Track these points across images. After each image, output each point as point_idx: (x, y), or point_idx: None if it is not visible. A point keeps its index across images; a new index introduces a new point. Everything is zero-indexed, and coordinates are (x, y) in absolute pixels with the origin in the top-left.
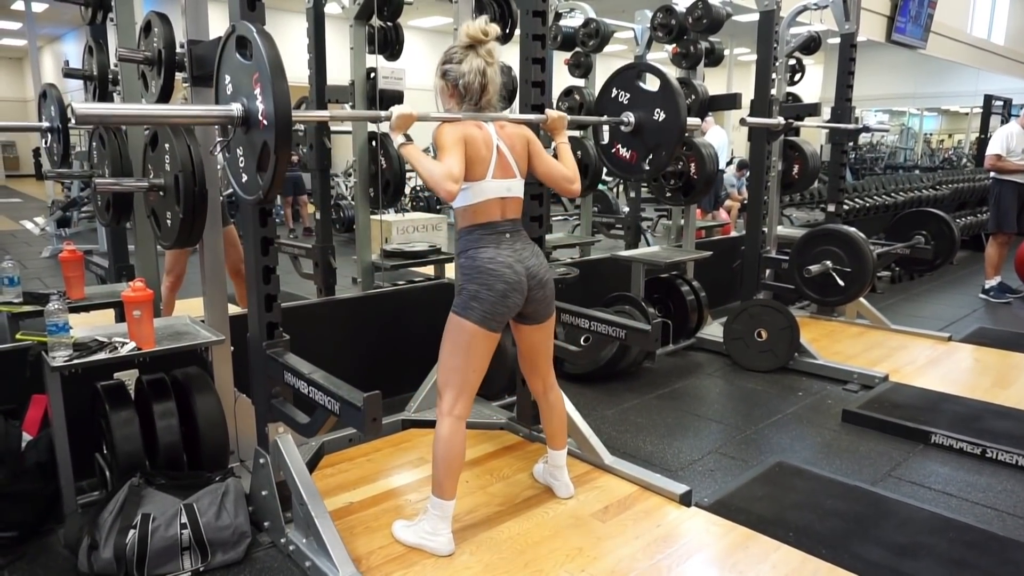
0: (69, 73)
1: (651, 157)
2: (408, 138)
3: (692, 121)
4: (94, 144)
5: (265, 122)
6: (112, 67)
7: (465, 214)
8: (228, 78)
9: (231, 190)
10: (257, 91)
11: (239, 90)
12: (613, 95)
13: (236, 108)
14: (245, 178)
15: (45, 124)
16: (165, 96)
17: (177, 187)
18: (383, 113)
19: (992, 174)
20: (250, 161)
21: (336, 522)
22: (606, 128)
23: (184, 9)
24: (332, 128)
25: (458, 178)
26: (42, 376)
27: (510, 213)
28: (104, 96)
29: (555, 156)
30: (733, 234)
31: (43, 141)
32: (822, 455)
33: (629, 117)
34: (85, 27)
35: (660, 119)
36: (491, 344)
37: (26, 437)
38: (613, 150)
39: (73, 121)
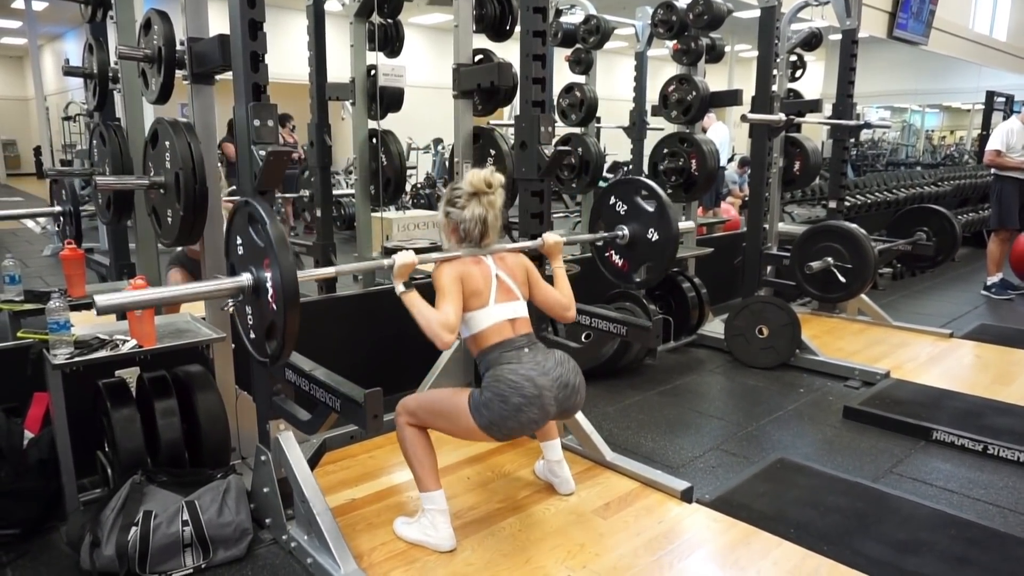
0: (69, 71)
1: (642, 272)
2: (408, 286)
3: (684, 226)
4: (95, 142)
5: (273, 304)
6: (112, 65)
7: (475, 342)
8: (240, 240)
9: (233, 187)
10: (266, 271)
11: (250, 259)
12: (611, 203)
13: (246, 279)
14: (254, 336)
15: (58, 208)
16: (165, 94)
17: (178, 185)
18: (386, 262)
19: (993, 170)
20: (259, 325)
21: (338, 519)
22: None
23: (184, 6)
24: (332, 124)
25: (453, 328)
26: (44, 374)
27: (521, 330)
28: (104, 94)
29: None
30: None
31: (56, 224)
32: (823, 451)
33: (624, 231)
34: (85, 25)
35: (653, 239)
36: (483, 440)
37: (28, 435)
38: (607, 254)
39: (97, 312)
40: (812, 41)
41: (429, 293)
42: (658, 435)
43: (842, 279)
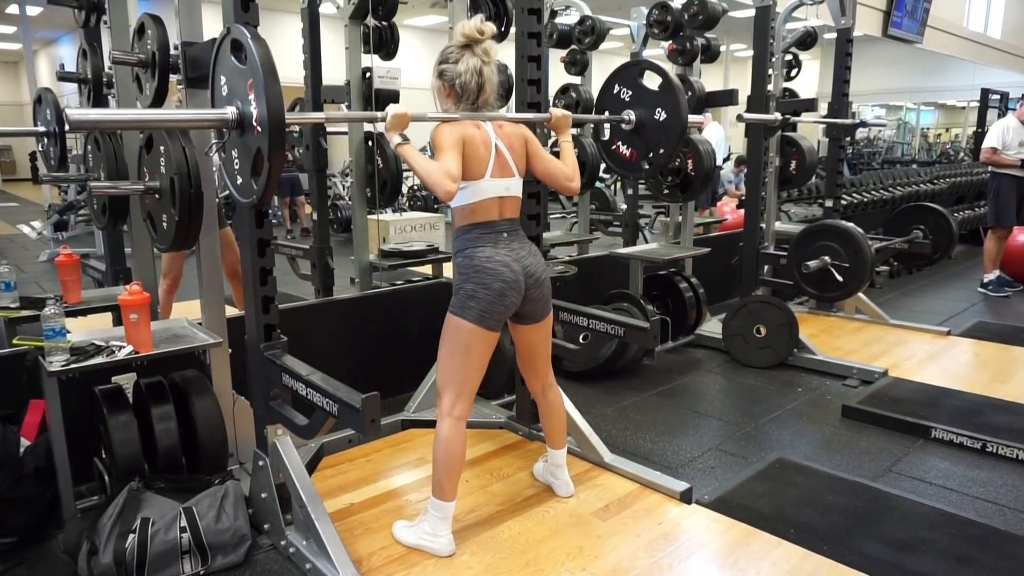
0: (64, 76)
1: (651, 156)
2: (404, 138)
3: (694, 118)
4: (89, 148)
5: (259, 127)
6: (107, 70)
7: (463, 213)
8: (223, 80)
9: (227, 191)
10: (251, 96)
11: (234, 93)
12: (615, 91)
13: (231, 112)
14: (240, 180)
15: (41, 128)
16: (160, 98)
17: (173, 189)
18: (379, 114)
19: (990, 168)
20: (245, 164)
21: (336, 523)
22: (607, 124)
23: (178, 11)
24: (328, 129)
25: (456, 177)
26: (40, 381)
27: (508, 212)
28: (99, 99)
29: (557, 154)
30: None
31: (39, 145)
32: (822, 451)
33: (630, 115)
34: (79, 30)
35: (661, 118)
36: (490, 343)
37: (24, 442)
38: (613, 147)
39: (68, 127)
40: (807, 40)
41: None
42: (656, 436)
43: (839, 278)
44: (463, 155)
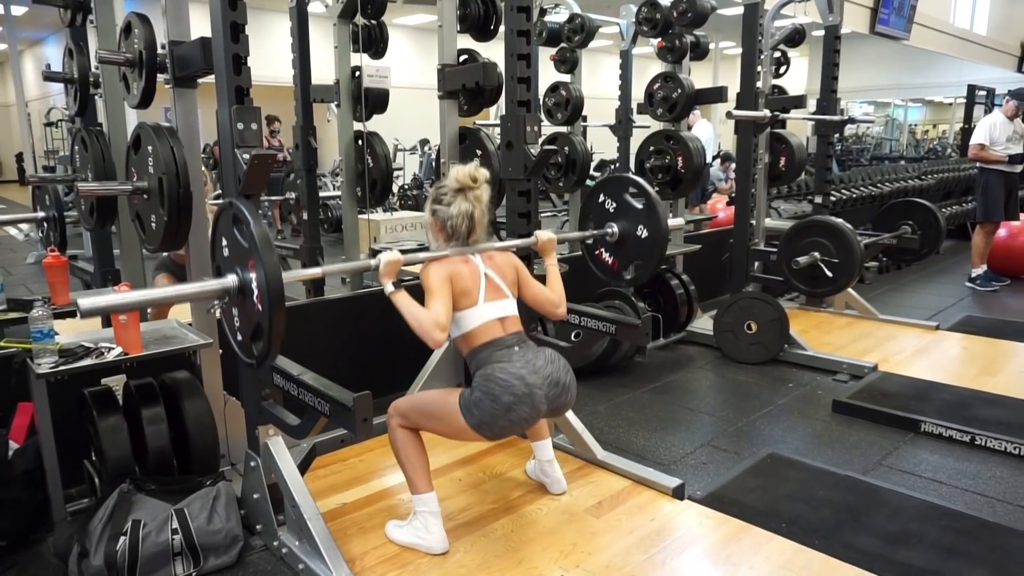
0: (50, 77)
1: (632, 270)
2: (397, 285)
3: (674, 223)
4: (76, 148)
5: (259, 305)
6: (93, 70)
7: (465, 341)
8: (225, 242)
9: (218, 191)
10: (251, 272)
11: (235, 258)
12: (600, 200)
13: (231, 280)
14: (241, 339)
15: (41, 214)
16: (147, 98)
17: (161, 190)
18: (372, 262)
19: (978, 164)
20: (245, 327)
21: (329, 523)
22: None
23: (165, 9)
24: (317, 126)
25: (444, 326)
26: (28, 383)
27: (511, 328)
28: (86, 99)
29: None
30: None
31: (39, 231)
32: (813, 446)
33: (613, 228)
34: (65, 30)
35: (643, 236)
36: (474, 440)
37: (13, 445)
38: (597, 252)
39: (80, 315)
40: (795, 37)
41: (418, 295)
42: (649, 433)
43: (829, 274)
44: (453, 292)
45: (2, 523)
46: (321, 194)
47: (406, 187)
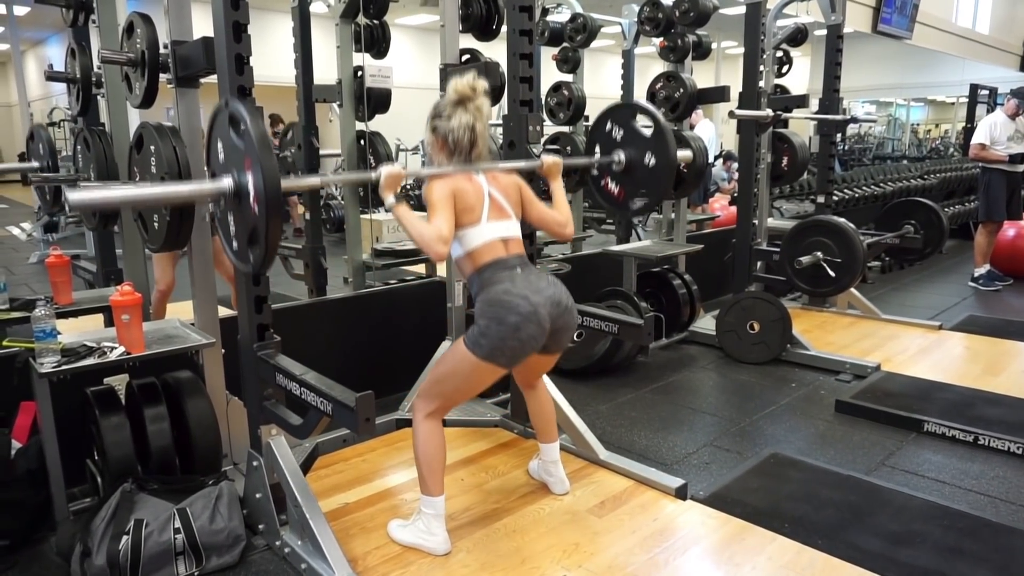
0: (52, 76)
1: (639, 197)
2: (398, 197)
3: (682, 154)
4: (79, 148)
5: (256, 205)
6: (96, 69)
7: (467, 261)
8: (220, 145)
9: None
10: (248, 172)
11: (231, 162)
12: (607, 129)
13: (227, 183)
14: (237, 246)
15: (35, 164)
16: (150, 97)
17: None
18: (373, 174)
19: (980, 163)
20: (241, 232)
21: (331, 523)
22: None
23: (167, 9)
24: (319, 127)
25: (447, 239)
26: (31, 383)
27: (514, 249)
28: (88, 99)
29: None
30: None
31: (33, 182)
32: (816, 446)
33: (620, 156)
34: (68, 30)
35: (651, 164)
36: (494, 377)
37: (16, 445)
38: (602, 183)
39: (68, 208)
40: (798, 37)
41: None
42: (651, 432)
43: (832, 273)
44: (456, 208)
45: (5, 522)
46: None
47: (408, 187)
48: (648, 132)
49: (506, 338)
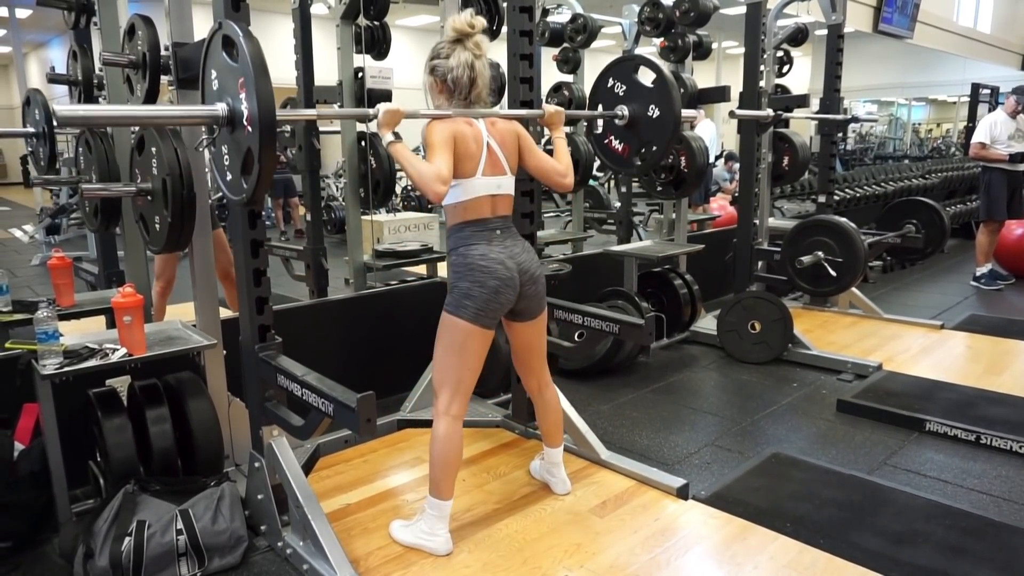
0: (54, 78)
1: (643, 152)
2: (397, 136)
3: (688, 113)
4: (80, 150)
5: (249, 127)
6: (97, 71)
7: (455, 211)
8: (214, 74)
9: (220, 193)
10: (242, 94)
11: (225, 89)
12: (609, 85)
13: (221, 108)
14: (230, 177)
15: (31, 129)
16: (151, 99)
17: (165, 191)
18: (371, 111)
19: (981, 163)
20: (235, 162)
21: (333, 524)
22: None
23: (168, 12)
24: (321, 129)
25: (447, 179)
26: (33, 385)
27: (500, 210)
28: (89, 101)
29: (550, 150)
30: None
31: (28, 147)
32: (818, 445)
33: (623, 110)
34: (69, 32)
35: (654, 115)
36: (485, 341)
37: (18, 447)
38: (606, 141)
39: (56, 124)
40: (798, 36)
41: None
42: (653, 432)
43: (833, 273)
44: (455, 153)
45: (7, 524)
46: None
47: (409, 188)
48: (650, 83)
49: (488, 300)
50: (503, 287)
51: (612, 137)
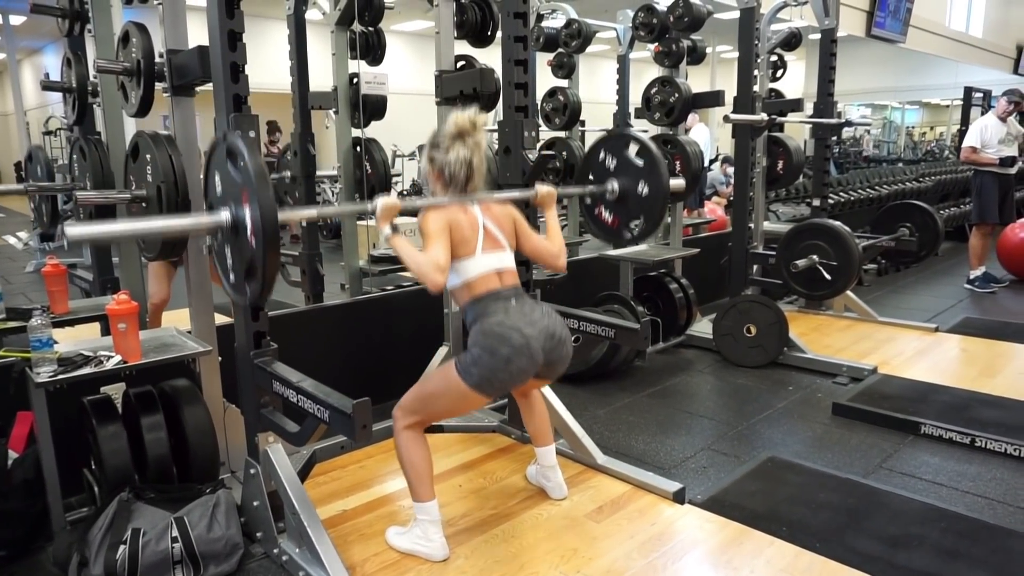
0: (48, 86)
1: (634, 227)
2: (395, 228)
3: (675, 183)
4: (75, 156)
5: (253, 239)
6: (92, 79)
7: (462, 292)
8: (218, 178)
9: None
10: (246, 205)
11: (228, 194)
12: (600, 158)
13: (225, 216)
14: (234, 279)
15: (32, 184)
16: (145, 107)
17: (160, 198)
18: (369, 205)
19: (973, 166)
20: (238, 265)
21: (329, 530)
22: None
23: (162, 19)
24: (315, 134)
25: (444, 268)
26: (27, 392)
27: (509, 281)
28: (84, 108)
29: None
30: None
31: (31, 202)
32: (813, 449)
33: (613, 185)
34: (63, 39)
35: (644, 192)
36: (481, 403)
37: (12, 455)
38: (596, 211)
39: (65, 244)
40: (792, 41)
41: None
42: (649, 437)
43: (828, 276)
44: (451, 239)
45: (1, 533)
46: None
47: (405, 193)
48: (641, 162)
49: (497, 370)
50: (515, 356)
51: (602, 208)
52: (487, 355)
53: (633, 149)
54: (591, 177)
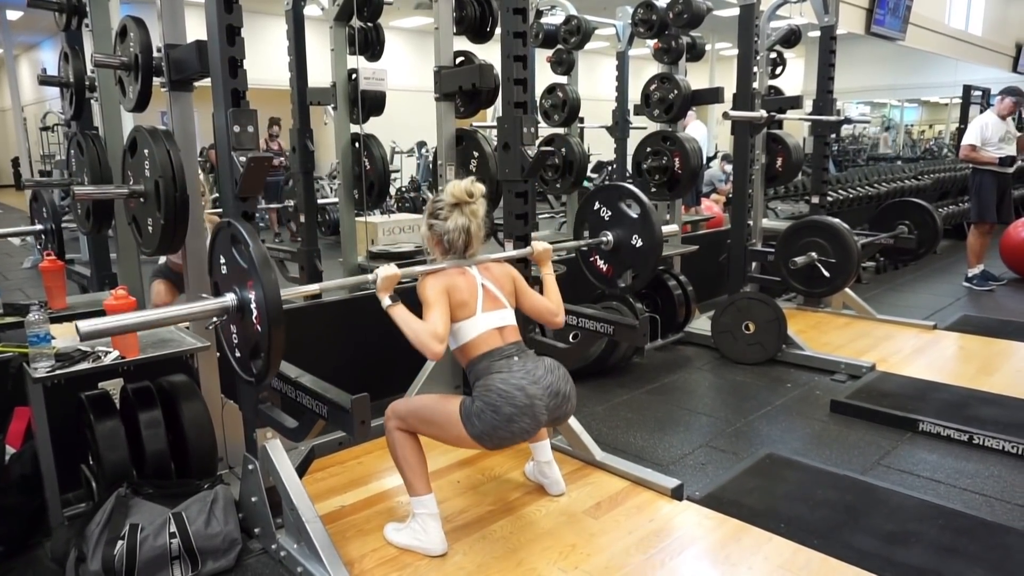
0: (46, 80)
1: (627, 278)
2: (394, 299)
3: (668, 230)
4: (73, 152)
5: (258, 325)
6: (89, 73)
7: (464, 352)
8: (223, 260)
9: (215, 195)
10: (250, 290)
11: (233, 278)
12: (596, 208)
13: (230, 299)
14: (239, 355)
15: (39, 227)
16: (143, 101)
17: (158, 193)
18: (369, 276)
19: (972, 164)
20: (244, 345)
21: (327, 526)
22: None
23: (160, 13)
24: (314, 130)
25: (443, 337)
26: (24, 388)
27: (511, 338)
28: (81, 103)
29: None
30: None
31: (37, 243)
32: (812, 446)
33: (608, 236)
34: (61, 34)
35: (637, 245)
36: (475, 447)
37: (10, 450)
38: (592, 259)
39: (80, 339)
40: (791, 38)
41: (413, 295)
42: (647, 433)
43: (826, 274)
44: (450, 304)
45: None
46: (320, 201)
47: (404, 189)
48: (635, 214)
49: (498, 427)
50: (518, 415)
51: (597, 257)
52: (490, 411)
53: (627, 202)
54: (587, 227)
